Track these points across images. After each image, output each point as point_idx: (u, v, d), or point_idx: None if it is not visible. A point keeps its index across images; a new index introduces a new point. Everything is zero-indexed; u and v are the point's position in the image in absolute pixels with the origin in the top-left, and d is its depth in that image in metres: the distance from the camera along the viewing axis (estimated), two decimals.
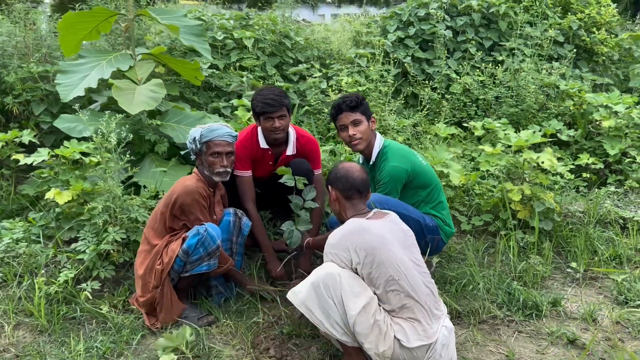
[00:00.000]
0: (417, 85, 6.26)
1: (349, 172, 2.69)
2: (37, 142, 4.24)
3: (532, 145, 4.39)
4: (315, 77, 5.78)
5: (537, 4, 6.92)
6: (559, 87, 5.85)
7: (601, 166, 4.98)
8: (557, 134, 5.27)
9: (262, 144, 3.53)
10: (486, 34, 6.86)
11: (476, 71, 6.20)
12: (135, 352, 2.78)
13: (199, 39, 4.49)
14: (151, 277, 2.91)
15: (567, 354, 2.76)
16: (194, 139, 2.99)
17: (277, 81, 5.84)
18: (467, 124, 5.37)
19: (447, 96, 6.03)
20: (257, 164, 3.58)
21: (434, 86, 6.03)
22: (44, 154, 3.69)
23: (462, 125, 5.88)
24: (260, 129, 3.52)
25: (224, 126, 3.03)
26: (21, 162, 3.77)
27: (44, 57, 5.28)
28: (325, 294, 2.43)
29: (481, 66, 6.21)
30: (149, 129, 4.22)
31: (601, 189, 4.61)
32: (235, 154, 3.15)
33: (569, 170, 4.67)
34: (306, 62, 6.35)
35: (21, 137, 4.08)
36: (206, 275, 3.06)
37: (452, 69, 6.42)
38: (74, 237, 3.51)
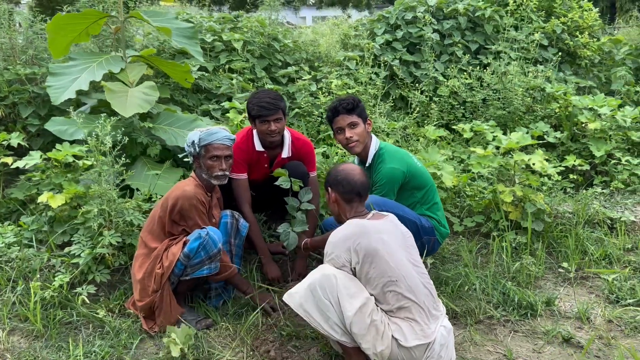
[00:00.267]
0: (405, 88, 6.31)
1: (349, 176, 2.70)
2: (25, 145, 4.18)
3: (521, 147, 4.45)
4: (304, 79, 5.80)
5: (521, 8, 7.02)
6: (544, 89, 5.95)
7: (587, 168, 5.07)
8: (544, 136, 5.36)
9: (258, 146, 3.54)
10: (472, 37, 6.95)
11: (463, 74, 6.27)
12: (134, 357, 2.75)
13: (191, 41, 4.47)
14: (150, 281, 2.89)
15: (563, 352, 2.81)
16: (193, 142, 2.98)
17: (266, 83, 5.85)
18: (455, 126, 5.43)
19: (434, 99, 6.09)
20: (252, 167, 3.58)
21: (422, 89, 6.09)
22: (36, 157, 3.65)
23: (449, 127, 5.94)
24: (255, 131, 3.53)
25: (222, 130, 3.03)
26: (13, 165, 3.71)
27: (31, 59, 5.21)
28: (322, 296, 2.45)
29: (468, 69, 6.29)
30: (141, 131, 4.19)
31: (588, 190, 4.70)
32: (232, 157, 3.15)
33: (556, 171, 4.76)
34: (295, 65, 6.36)
35: (9, 140, 4.02)
36: (205, 279, 3.04)
37: (440, 71, 6.49)
38: (67, 241, 3.46)
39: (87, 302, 3.05)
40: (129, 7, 5.59)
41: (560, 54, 6.77)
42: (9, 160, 3.79)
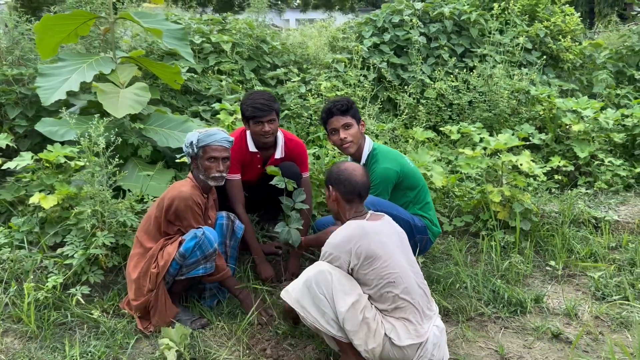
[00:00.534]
0: (393, 90, 6.38)
1: (352, 176, 2.71)
2: (13, 146, 4.15)
3: (508, 148, 4.53)
4: (293, 81, 5.83)
5: (506, 12, 7.14)
6: (529, 92, 6.06)
7: (572, 168, 5.19)
8: (529, 138, 5.46)
9: (251, 147, 3.56)
10: (458, 41, 7.05)
11: (450, 77, 6.36)
12: (130, 356, 2.76)
13: (181, 43, 4.48)
14: (146, 281, 2.89)
15: (552, 348, 2.88)
16: (191, 143, 2.99)
17: (255, 85, 5.87)
18: (442, 128, 5.50)
19: (422, 101, 6.16)
20: (246, 168, 3.60)
21: (410, 91, 6.16)
22: (27, 158, 3.62)
23: (436, 129, 6.02)
24: (249, 132, 3.55)
25: (220, 131, 3.04)
26: (4, 166, 3.68)
27: (17, 59, 5.16)
28: (317, 291, 2.48)
29: (454, 72, 6.38)
30: (132, 132, 4.18)
31: (572, 190, 4.80)
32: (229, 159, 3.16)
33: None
34: (283, 67, 6.39)
35: None
36: (200, 279, 3.06)
37: (426, 74, 6.57)
38: (59, 242, 3.45)
39: (82, 302, 3.04)
40: (117, 8, 5.57)
41: (544, 57, 6.90)
42: None
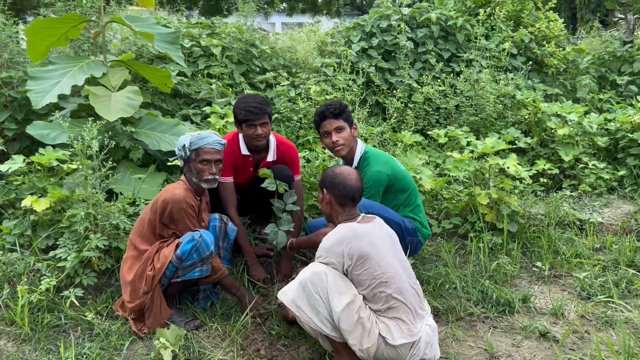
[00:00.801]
0: (382, 94, 6.45)
1: (346, 180, 2.75)
2: (2, 149, 4.14)
3: (494, 152, 4.62)
4: (283, 85, 5.87)
5: (492, 18, 7.26)
6: (515, 96, 6.17)
7: (556, 172, 5.29)
8: (515, 141, 5.55)
9: (244, 150, 3.60)
10: (445, 46, 7.15)
11: (437, 81, 6.45)
12: (125, 358, 2.77)
13: (172, 47, 4.50)
14: (141, 283, 2.91)
15: (540, 346, 2.95)
16: (184, 146, 3.02)
17: (245, 89, 5.90)
18: (430, 131, 5.58)
19: (410, 105, 6.24)
20: (238, 171, 3.64)
21: (398, 95, 6.24)
22: (19, 161, 3.62)
23: (424, 133, 6.10)
24: (241, 135, 3.59)
25: (213, 134, 3.07)
26: None
27: (6, 62, 5.14)
28: (312, 291, 2.53)
29: (441, 76, 6.47)
30: (123, 135, 4.20)
31: (558, 193, 4.90)
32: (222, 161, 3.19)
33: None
34: (273, 71, 6.43)
35: None
36: (195, 281, 3.08)
37: (414, 78, 6.65)
38: (51, 245, 3.45)
39: (75, 304, 3.05)
40: (106, 12, 5.57)
41: (529, 62, 7.02)
42: None
